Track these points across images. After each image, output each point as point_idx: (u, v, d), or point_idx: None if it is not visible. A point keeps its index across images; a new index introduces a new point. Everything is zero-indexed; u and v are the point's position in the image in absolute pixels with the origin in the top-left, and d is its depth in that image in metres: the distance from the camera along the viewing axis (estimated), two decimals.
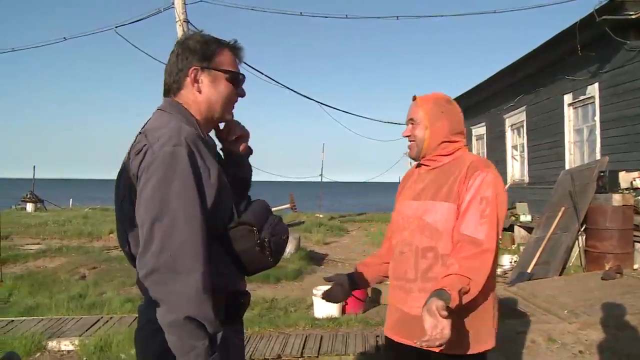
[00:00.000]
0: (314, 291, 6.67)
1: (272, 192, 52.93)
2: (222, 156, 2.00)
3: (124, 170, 1.77)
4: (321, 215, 18.61)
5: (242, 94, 1.96)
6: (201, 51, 1.85)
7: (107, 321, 6.22)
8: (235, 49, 1.95)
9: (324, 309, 6.38)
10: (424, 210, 2.34)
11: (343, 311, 6.50)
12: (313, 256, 10.64)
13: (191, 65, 1.84)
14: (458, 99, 20.18)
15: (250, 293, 1.93)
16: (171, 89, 1.88)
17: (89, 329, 5.94)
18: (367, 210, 24.28)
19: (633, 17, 9.60)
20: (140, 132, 1.78)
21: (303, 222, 16.04)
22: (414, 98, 2.48)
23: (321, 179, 23.52)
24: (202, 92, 1.86)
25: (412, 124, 2.45)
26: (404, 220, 2.43)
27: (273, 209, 2.30)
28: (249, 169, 2.06)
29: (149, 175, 1.63)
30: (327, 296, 2.62)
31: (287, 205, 22.21)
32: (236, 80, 1.92)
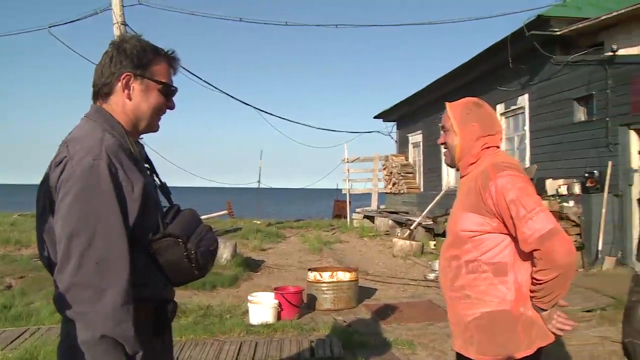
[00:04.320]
0: (250, 297, 6.68)
1: (210, 199, 52.34)
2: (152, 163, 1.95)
3: (44, 181, 1.72)
4: (259, 222, 18.57)
5: (172, 107, 1.93)
6: (137, 57, 1.80)
7: (34, 332, 5.95)
8: (172, 60, 1.91)
9: (259, 316, 6.39)
10: (455, 220, 2.34)
11: (278, 317, 6.53)
12: (249, 262, 10.61)
13: (124, 71, 1.79)
14: (395, 108, 20.63)
15: (180, 302, 1.92)
16: (100, 93, 1.82)
17: (13, 341, 5.67)
18: (305, 216, 24.38)
19: (558, 33, 10.09)
20: (63, 142, 1.73)
21: (240, 228, 15.94)
22: (445, 105, 2.46)
23: (259, 185, 23.47)
24: (132, 100, 1.81)
25: (444, 131, 2.43)
26: (447, 231, 2.44)
27: (210, 216, 2.31)
28: None
29: (67, 190, 1.59)
30: None
31: (225, 212, 22.04)
32: (168, 93, 1.88)
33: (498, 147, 2.40)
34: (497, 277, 2.20)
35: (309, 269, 7.83)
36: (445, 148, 2.44)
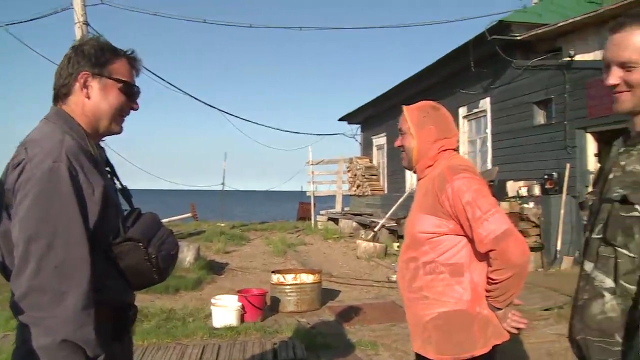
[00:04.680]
0: (213, 300, 6.63)
1: (173, 201, 51.80)
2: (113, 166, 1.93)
3: (1, 183, 1.67)
4: (223, 224, 18.45)
5: (136, 108, 1.90)
6: (94, 57, 1.78)
7: None
8: (132, 60, 1.88)
9: (223, 319, 6.35)
10: (413, 223, 2.36)
11: (242, 320, 6.50)
12: (213, 265, 10.54)
13: (82, 70, 1.77)
14: (360, 110, 20.72)
15: (142, 305, 1.90)
16: (59, 94, 1.80)
17: None
18: (269, 218, 24.34)
19: (518, 38, 10.29)
20: (21, 144, 1.69)
21: (204, 231, 15.84)
22: (402, 108, 2.48)
23: (223, 188, 23.37)
24: (91, 99, 1.78)
25: (401, 134, 2.46)
26: (405, 233, 2.46)
27: (174, 219, 2.29)
28: None
29: (25, 192, 1.56)
30: None
31: (189, 214, 21.86)
32: (129, 92, 1.86)
33: (454, 150, 2.44)
34: (453, 278, 2.24)
35: (273, 272, 7.82)
36: (402, 151, 2.47)
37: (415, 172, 2.47)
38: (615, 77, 1.65)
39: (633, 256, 1.57)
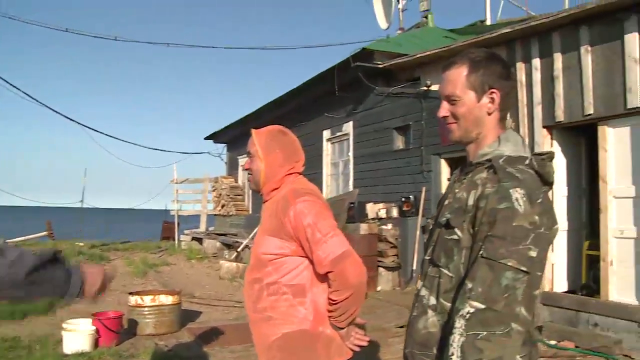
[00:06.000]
0: (64, 325, 6.21)
1: (28, 219, 48.29)
2: None
3: None
4: (82, 244, 17.42)
5: None
6: None
7: None
8: None
9: (74, 344, 5.98)
10: (258, 244, 2.40)
11: (96, 345, 6.15)
12: None
13: None
14: (226, 129, 20.55)
15: None
16: None
17: None
18: (132, 238, 23.36)
19: (380, 66, 10.76)
20: None
21: (61, 251, 14.85)
22: (251, 132, 2.53)
23: (82, 205, 22.14)
24: None
25: (250, 157, 2.52)
26: (251, 254, 2.47)
27: (28, 237, 2.11)
28: None
29: None
30: None
31: (44, 233, 20.43)
32: None
33: (300, 174, 2.52)
34: (296, 299, 2.30)
35: (130, 293, 7.49)
36: (250, 174, 2.54)
37: (262, 195, 2.53)
38: (444, 109, 1.85)
39: (451, 275, 1.72)
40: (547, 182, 1.72)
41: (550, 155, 1.75)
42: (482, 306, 1.53)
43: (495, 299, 1.53)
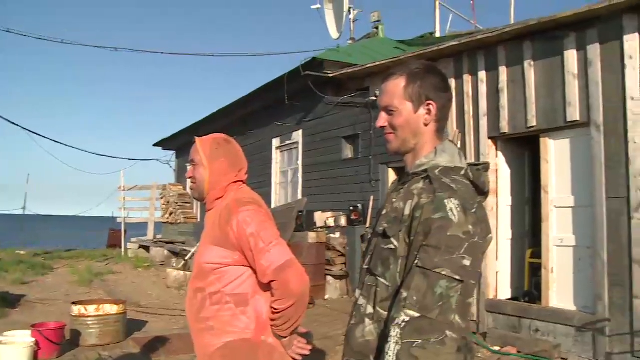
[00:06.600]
0: (0, 338, 6.01)
1: None
2: None
3: None
4: (23, 252, 16.91)
5: None
6: None
7: None
8: None
9: (11, 358, 5.78)
10: (201, 253, 2.39)
11: (35, 358, 5.97)
12: (6, 298, 9.57)
13: None
14: (175, 136, 20.29)
15: None
16: None
17: None
18: (77, 245, 22.77)
19: (330, 75, 10.83)
20: None
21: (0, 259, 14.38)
22: (195, 140, 2.50)
23: (24, 212, 21.48)
24: None
25: (193, 165, 2.48)
26: (193, 264, 2.46)
27: None
28: None
29: None
30: None
31: None
32: None
33: (243, 182, 2.53)
34: (238, 308, 2.30)
35: (73, 303, 7.31)
36: (192, 182, 2.51)
37: (205, 203, 2.51)
38: (382, 120, 1.85)
39: (388, 284, 1.74)
40: (483, 192, 1.77)
41: (485, 166, 1.81)
42: (417, 315, 1.56)
43: (429, 308, 1.56)
